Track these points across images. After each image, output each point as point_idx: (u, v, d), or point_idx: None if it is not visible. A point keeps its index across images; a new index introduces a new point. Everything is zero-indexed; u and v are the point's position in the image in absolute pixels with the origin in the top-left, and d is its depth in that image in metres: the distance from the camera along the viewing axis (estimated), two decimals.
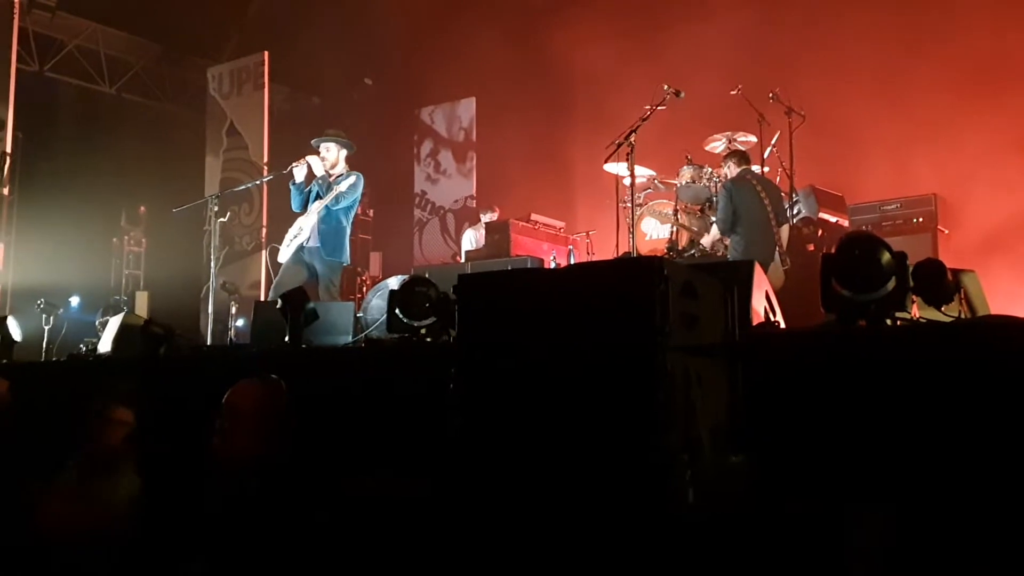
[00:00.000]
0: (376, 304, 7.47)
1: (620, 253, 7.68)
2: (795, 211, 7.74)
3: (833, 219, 7.90)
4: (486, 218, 10.15)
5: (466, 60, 11.63)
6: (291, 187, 6.99)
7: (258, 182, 7.70)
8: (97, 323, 8.20)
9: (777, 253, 6.84)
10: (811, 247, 7.57)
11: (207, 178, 11.90)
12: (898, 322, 2.94)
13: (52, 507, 3.77)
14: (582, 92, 11.30)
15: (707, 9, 9.88)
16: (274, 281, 6.93)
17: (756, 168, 7.59)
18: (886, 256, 2.93)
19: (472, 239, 10.22)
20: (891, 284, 2.92)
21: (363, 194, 7.10)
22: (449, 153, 13.19)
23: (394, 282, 7.51)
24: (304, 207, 6.93)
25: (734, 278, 3.08)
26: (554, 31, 11.10)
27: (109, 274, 11.81)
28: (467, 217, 12.06)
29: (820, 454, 2.73)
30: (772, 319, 3.57)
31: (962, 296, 3.23)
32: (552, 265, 8.71)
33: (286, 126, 12.13)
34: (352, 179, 6.75)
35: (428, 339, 4.21)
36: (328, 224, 6.73)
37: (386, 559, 3.09)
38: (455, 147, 13.13)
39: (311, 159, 6.85)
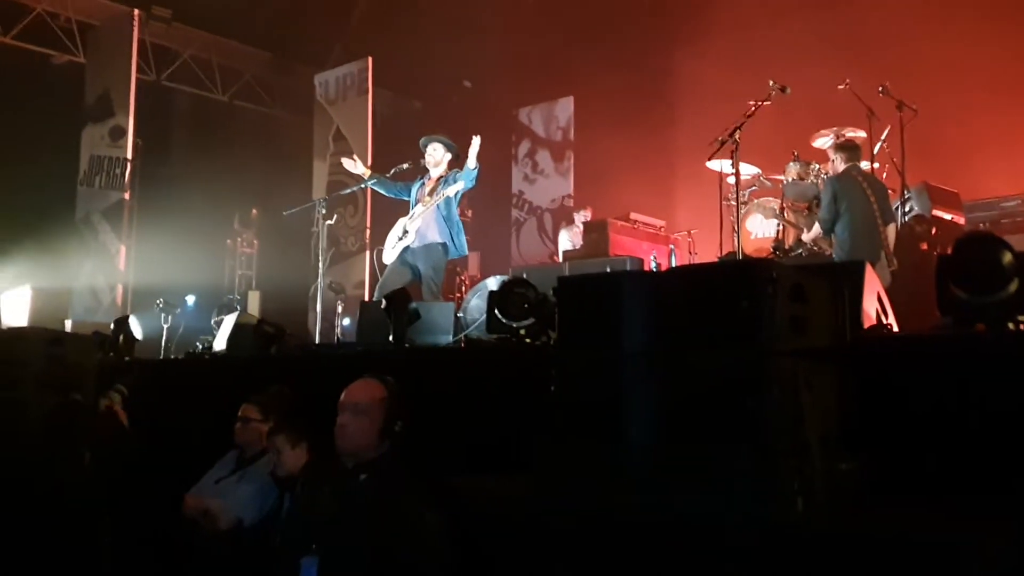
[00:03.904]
0: (475, 304, 7.56)
1: (724, 253, 7.54)
2: (907, 209, 7.45)
3: (948, 216, 7.56)
4: (580, 218, 10.10)
5: (564, 59, 11.61)
6: (370, 186, 7.56)
7: (362, 185, 7.88)
8: (212, 322, 8.53)
9: (883, 253, 6.59)
10: (924, 246, 7.27)
11: (315, 182, 12.23)
12: (1021, 326, 2.79)
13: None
14: (683, 87, 11.12)
15: (814, 1, 9.60)
16: (379, 282, 7.09)
17: (865, 164, 7.34)
18: (1007, 256, 2.79)
19: (567, 240, 10.19)
20: (1013, 286, 2.78)
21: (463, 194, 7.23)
22: (547, 153, 13.19)
23: (493, 283, 7.58)
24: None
25: (845, 279, 2.98)
26: (654, 27, 10.98)
27: (223, 274, 12.25)
28: (564, 216, 12.04)
29: (935, 464, 2.61)
30: (884, 321, 3.44)
31: None
32: (652, 265, 8.61)
33: (388, 130, 12.37)
34: (459, 184, 6.89)
35: (527, 340, 4.23)
36: (450, 223, 6.92)
37: (487, 557, 3.11)
38: (552, 147, 13.12)
39: (344, 160, 7.57)
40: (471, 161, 6.83)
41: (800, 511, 2.20)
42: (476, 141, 6.81)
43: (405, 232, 6.98)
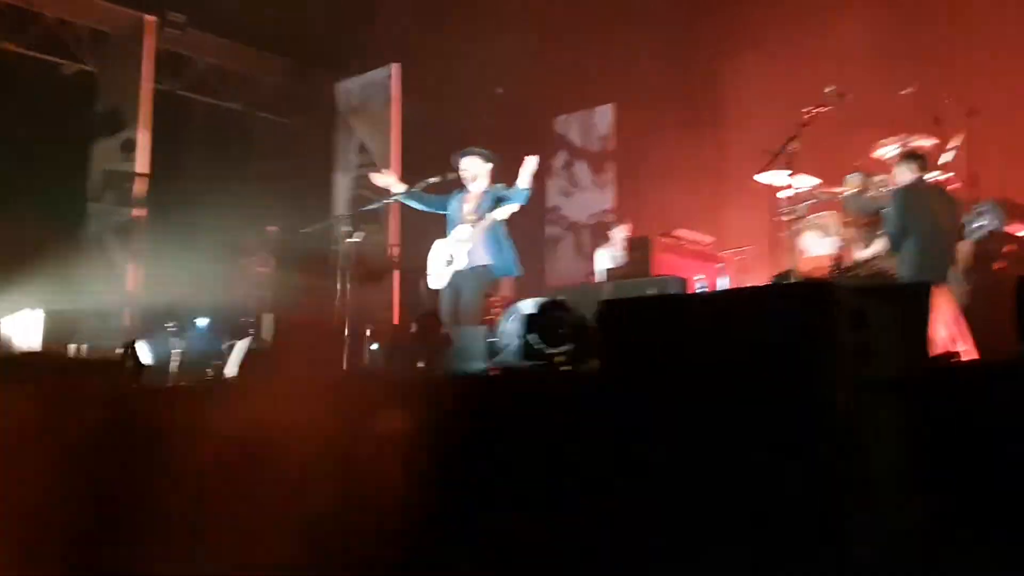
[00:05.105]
0: (510, 328, 7.55)
1: (778, 272, 7.51)
2: (978, 224, 7.38)
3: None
4: (617, 234, 10.03)
5: (603, 64, 11.63)
6: (403, 200, 7.48)
7: (387, 200, 7.92)
8: (224, 347, 8.62)
9: (951, 271, 6.54)
10: (997, 265, 7.19)
11: (336, 196, 12.30)
12: None
13: None
14: (732, 92, 11.09)
15: (875, 2, 9.57)
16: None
17: (932, 176, 7.29)
18: None
19: (606, 258, 10.16)
20: None
21: None
22: (585, 164, 13.18)
23: (526, 305, 7.57)
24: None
25: (911, 303, 2.98)
26: (700, 29, 10.99)
27: (237, 295, 12.34)
28: (603, 232, 12.02)
29: (1010, 504, 2.60)
30: (957, 347, 3.43)
31: None
32: (699, 286, 8.56)
33: (414, 140, 12.46)
34: (515, 206, 6.89)
35: (564, 367, 4.25)
36: (499, 244, 6.94)
37: None
38: (591, 158, 13.11)
39: (374, 176, 7.67)
40: (525, 181, 6.83)
41: (862, 552, 2.20)
42: (530, 162, 6.82)
43: (452, 258, 6.98)
